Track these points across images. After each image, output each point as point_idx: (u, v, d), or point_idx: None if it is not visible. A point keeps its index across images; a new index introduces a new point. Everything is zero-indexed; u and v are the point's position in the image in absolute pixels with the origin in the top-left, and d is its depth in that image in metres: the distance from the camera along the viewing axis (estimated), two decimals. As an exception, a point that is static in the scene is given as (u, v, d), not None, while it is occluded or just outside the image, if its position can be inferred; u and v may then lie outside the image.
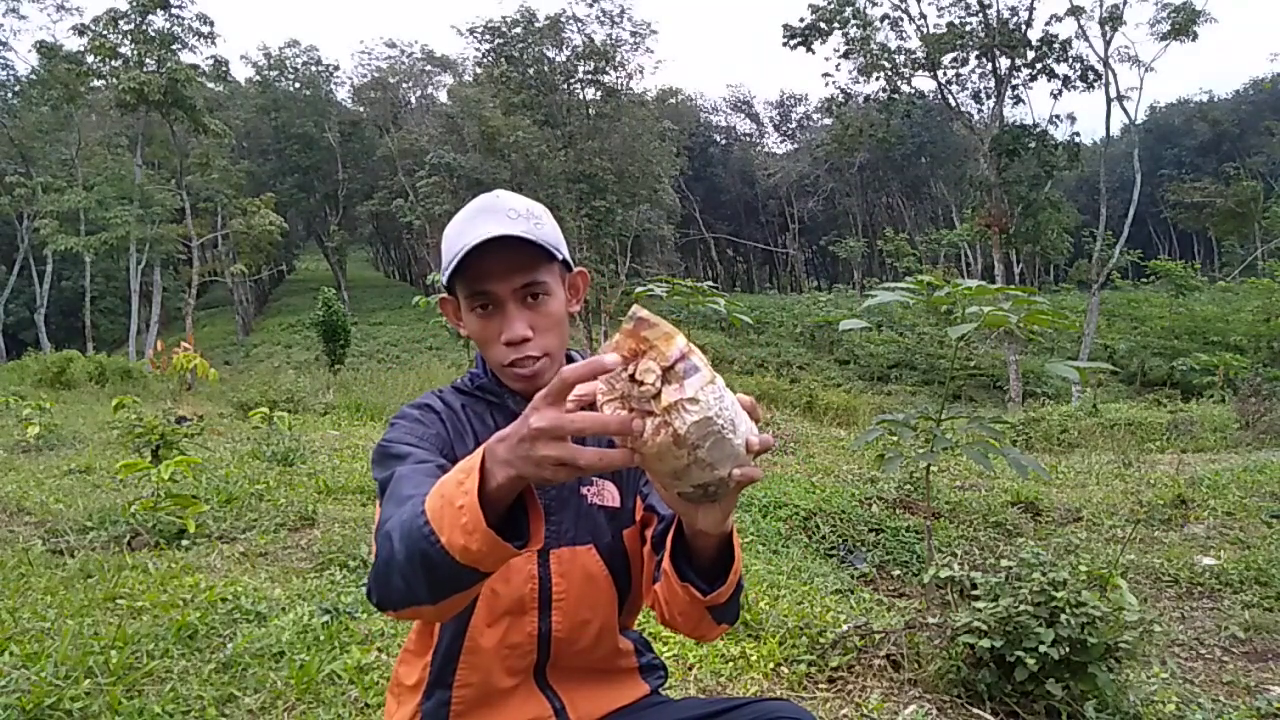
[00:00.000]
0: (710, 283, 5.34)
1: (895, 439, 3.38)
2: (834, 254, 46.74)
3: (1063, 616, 2.37)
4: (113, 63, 29.65)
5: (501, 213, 1.09)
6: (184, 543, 3.87)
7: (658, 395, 0.72)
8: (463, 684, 1.14)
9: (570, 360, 1.19)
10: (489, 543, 0.78)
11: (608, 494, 1.20)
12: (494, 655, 1.13)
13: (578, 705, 1.17)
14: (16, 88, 33.62)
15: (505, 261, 1.08)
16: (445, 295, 1.19)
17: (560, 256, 1.13)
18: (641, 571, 1.19)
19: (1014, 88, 26.76)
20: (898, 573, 4.53)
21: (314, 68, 45.51)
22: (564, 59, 38.32)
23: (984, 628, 2.46)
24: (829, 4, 25.67)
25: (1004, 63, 25.89)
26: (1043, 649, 2.34)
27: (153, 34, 29.61)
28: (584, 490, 1.19)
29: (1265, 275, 28.54)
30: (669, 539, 1.04)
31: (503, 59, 37.08)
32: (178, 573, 3.39)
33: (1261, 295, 26.71)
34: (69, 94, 30.13)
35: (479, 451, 0.80)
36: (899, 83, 27.35)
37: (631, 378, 0.73)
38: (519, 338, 1.09)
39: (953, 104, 28.10)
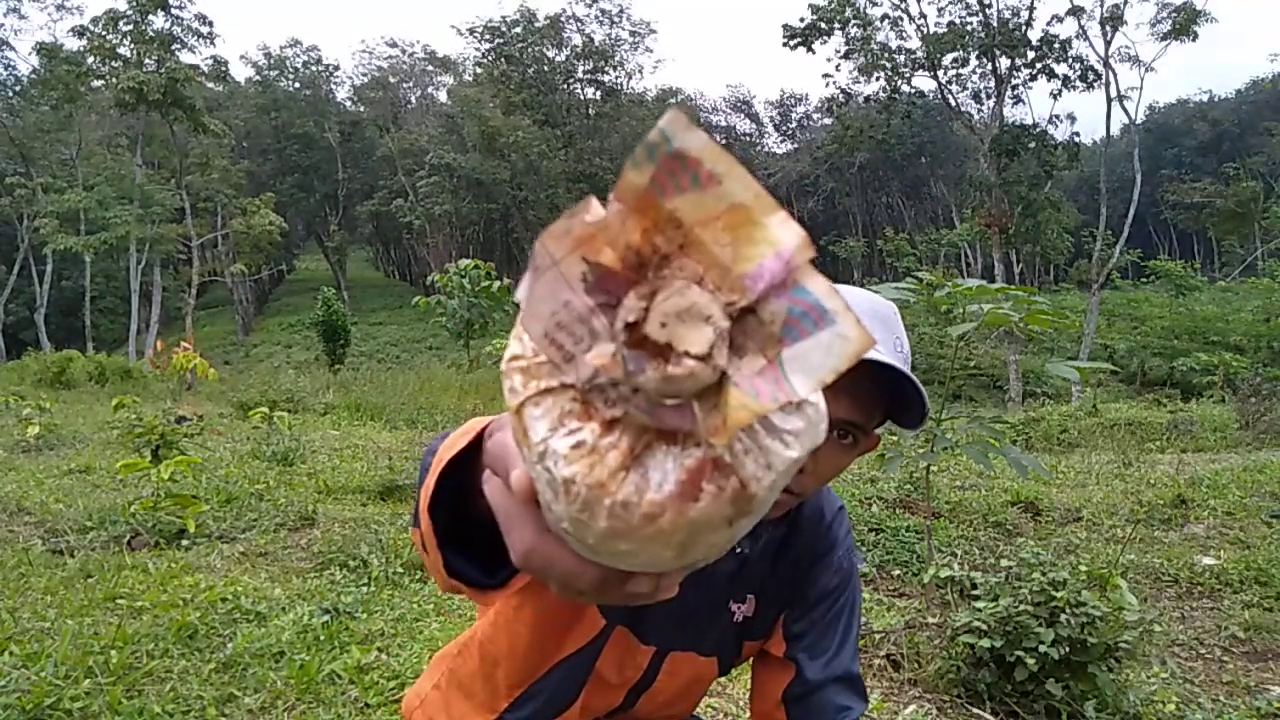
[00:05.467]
0: (710, 283, 5.33)
1: (895, 439, 3.38)
2: (834, 254, 46.74)
3: (1063, 616, 2.37)
4: (112, 63, 29.70)
5: (893, 334, 0.93)
6: (184, 543, 3.87)
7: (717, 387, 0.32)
8: None
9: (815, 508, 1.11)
10: (452, 589, 0.66)
11: (748, 605, 1.11)
12: None
13: None
14: (17, 88, 33.62)
15: (862, 386, 0.88)
16: None
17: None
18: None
19: (1014, 88, 26.76)
20: (898, 573, 4.52)
21: (314, 67, 45.63)
22: (564, 59, 38.40)
23: (984, 628, 2.47)
24: (829, 4, 25.68)
25: (1004, 63, 25.89)
26: (1043, 649, 2.34)
27: (152, 34, 29.66)
28: (733, 606, 1.09)
29: (1265, 275, 28.57)
30: None
31: (503, 59, 37.18)
32: (178, 573, 3.39)
33: (1261, 295, 26.74)
34: (69, 94, 30.17)
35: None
36: (899, 83, 27.37)
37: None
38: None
39: (953, 104, 28.11)
